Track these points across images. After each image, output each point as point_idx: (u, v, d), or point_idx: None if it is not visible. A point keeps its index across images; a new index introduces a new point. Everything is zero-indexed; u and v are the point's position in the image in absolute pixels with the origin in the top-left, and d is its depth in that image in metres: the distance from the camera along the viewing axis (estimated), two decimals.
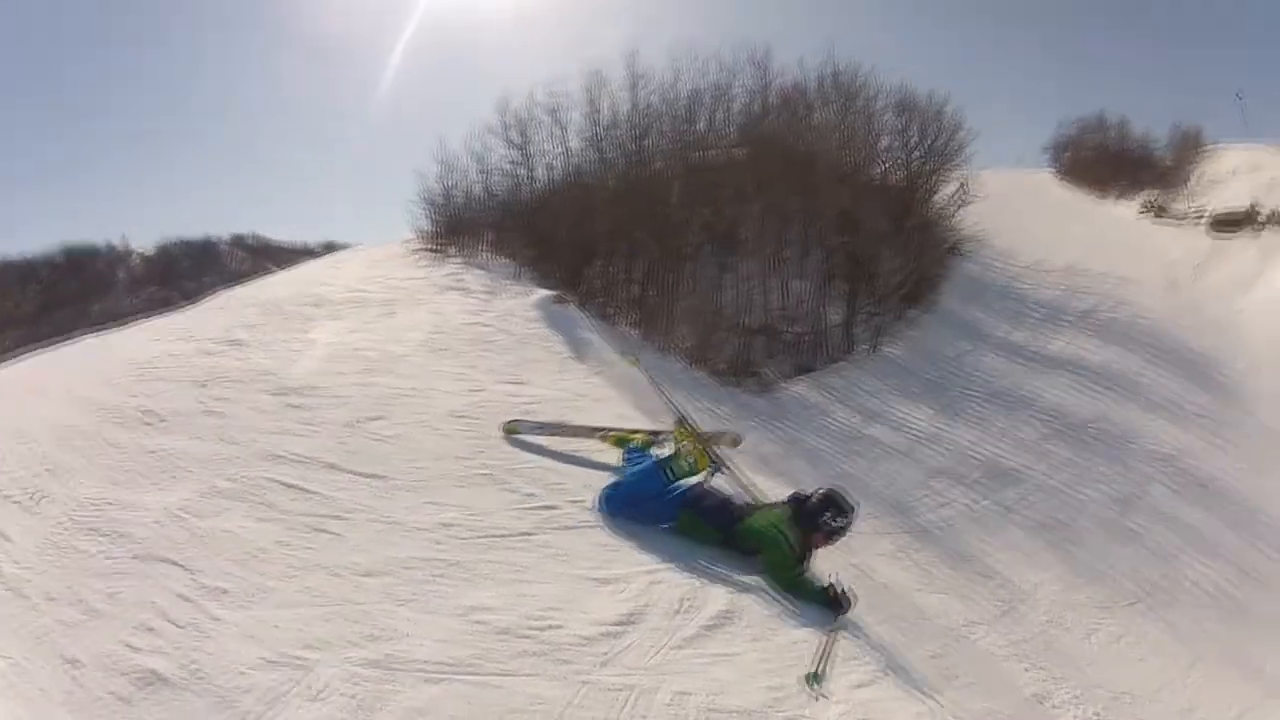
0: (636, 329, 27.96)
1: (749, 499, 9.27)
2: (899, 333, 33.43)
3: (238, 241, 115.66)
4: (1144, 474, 27.38)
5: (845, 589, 8.10)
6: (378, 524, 8.03)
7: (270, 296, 19.80)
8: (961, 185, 45.02)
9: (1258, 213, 54.18)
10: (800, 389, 27.82)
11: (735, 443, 10.66)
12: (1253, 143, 63.17)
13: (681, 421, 10.17)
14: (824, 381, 28.66)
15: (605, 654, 6.34)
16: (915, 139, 42.59)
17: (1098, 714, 15.77)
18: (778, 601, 7.75)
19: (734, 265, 33.06)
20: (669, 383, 23.84)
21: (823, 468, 22.41)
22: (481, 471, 9.63)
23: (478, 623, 6.45)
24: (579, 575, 7.39)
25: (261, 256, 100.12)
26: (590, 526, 8.53)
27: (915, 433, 26.57)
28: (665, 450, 9.79)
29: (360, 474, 9.23)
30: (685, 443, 9.43)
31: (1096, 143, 67.21)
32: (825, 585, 8.00)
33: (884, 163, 42.69)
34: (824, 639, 7.06)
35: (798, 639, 7.11)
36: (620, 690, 5.94)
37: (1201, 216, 55.28)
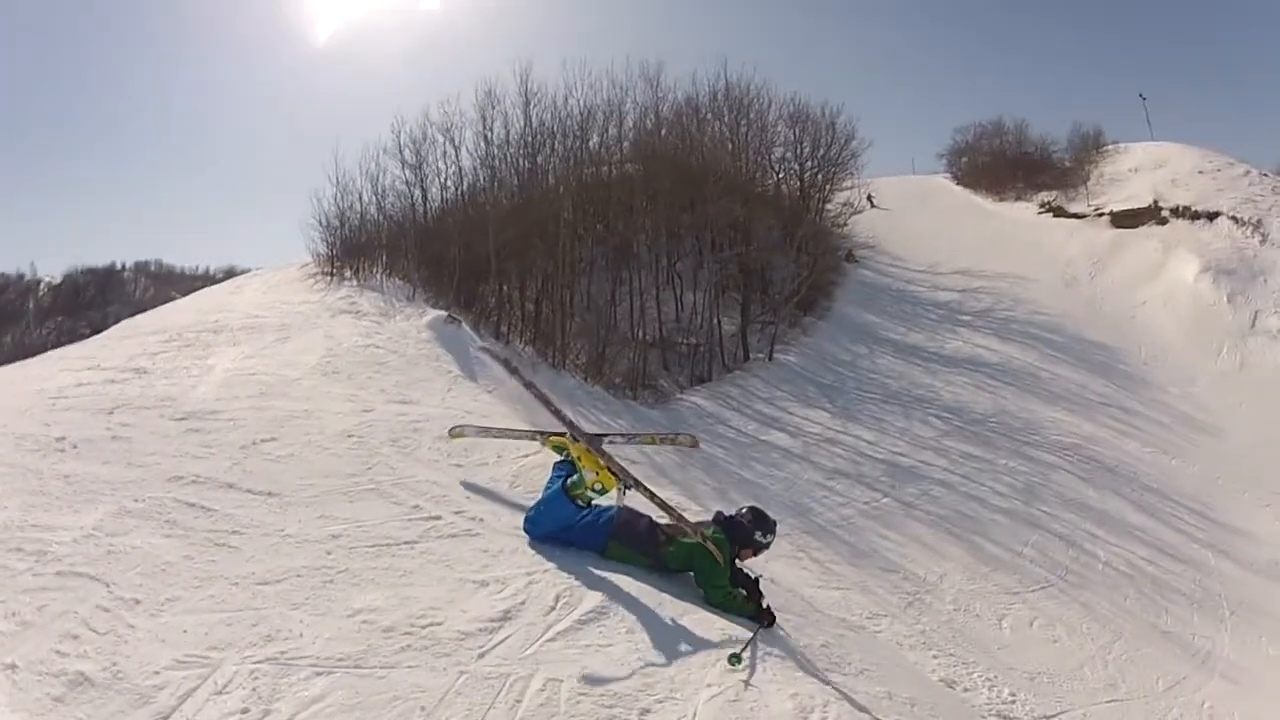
0: (530, 345, 28.48)
1: (670, 519, 8.99)
2: (794, 339, 34.63)
3: (141, 269, 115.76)
4: (1048, 463, 28.59)
5: (769, 605, 8.38)
6: (272, 538, 8.53)
7: (172, 324, 20.07)
8: (869, 197, 46.76)
9: (1160, 207, 56.32)
10: (697, 399, 28.63)
11: (694, 443, 10.68)
12: (1158, 141, 66.32)
13: (574, 438, 9.80)
14: (720, 390, 29.50)
15: (482, 647, 6.73)
16: (808, 149, 44.73)
17: (1013, 694, 16.43)
18: (655, 598, 7.97)
19: (627, 279, 33.87)
20: (562, 397, 24.08)
21: (720, 475, 23.36)
22: (369, 487, 10.05)
23: (365, 622, 6.91)
24: (460, 578, 7.80)
25: (165, 284, 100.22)
26: (472, 534, 8.88)
27: (813, 436, 27.42)
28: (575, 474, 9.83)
29: (256, 492, 9.74)
30: (586, 468, 9.21)
31: (994, 147, 69.44)
32: (760, 603, 8.32)
33: (777, 173, 44.79)
34: (753, 635, 7.49)
35: (671, 632, 7.41)
36: (495, 678, 6.35)
37: (1101, 214, 57.21)
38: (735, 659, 6.96)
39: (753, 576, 8.66)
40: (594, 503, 8.85)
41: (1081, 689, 17.65)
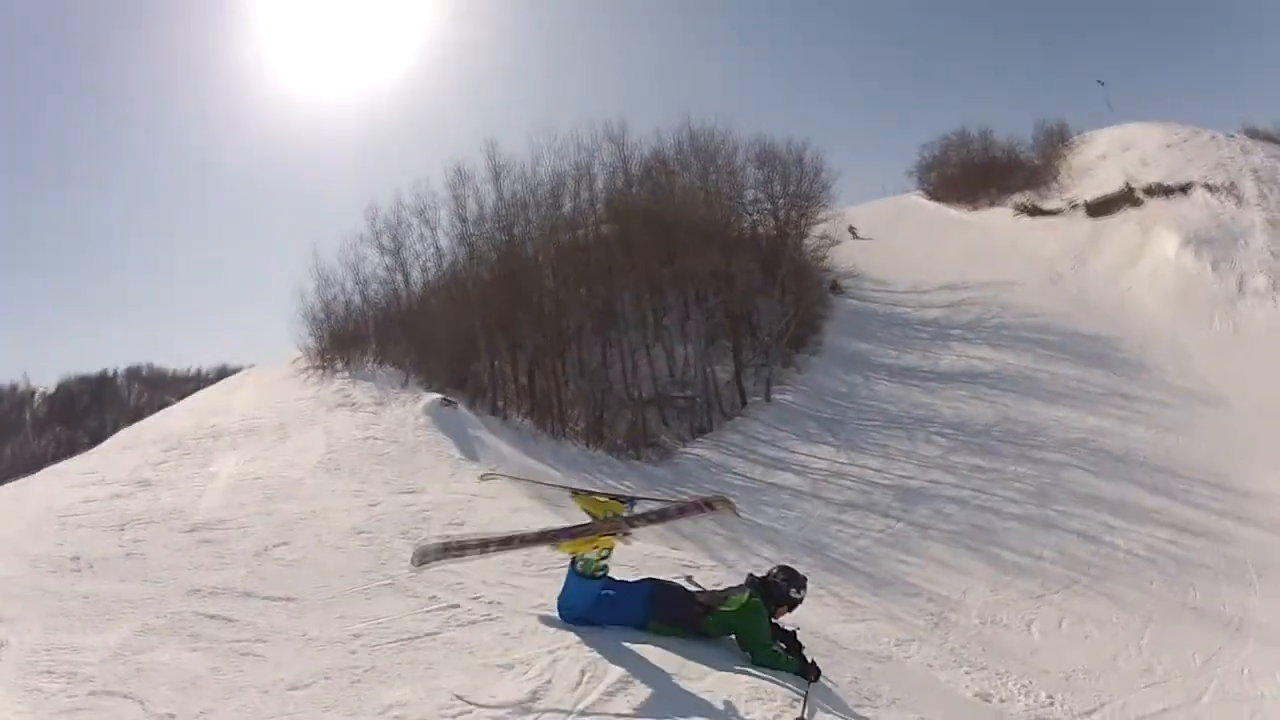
0: (528, 418, 28.78)
1: (705, 588, 9.24)
2: (789, 379, 34.82)
3: (134, 374, 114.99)
4: (1056, 463, 28.92)
5: (813, 659, 8.28)
6: (295, 642, 8.55)
7: (171, 432, 20.47)
8: (850, 229, 47.48)
9: (1133, 189, 56.93)
10: (699, 450, 28.98)
11: (731, 509, 10.05)
12: (1122, 124, 67.31)
13: (575, 494, 9.81)
14: (722, 439, 29.81)
15: None
16: (779, 187, 44.92)
17: (1050, 696, 16.66)
18: (678, 663, 7.78)
19: (616, 340, 34.15)
20: (566, 466, 24.70)
21: (731, 524, 22.53)
22: (385, 582, 10.21)
23: (396, 718, 6.88)
24: (484, 664, 7.80)
25: (158, 388, 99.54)
26: (491, 619, 8.93)
27: (819, 472, 27.72)
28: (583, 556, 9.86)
29: (274, 598, 9.83)
30: (596, 547, 9.07)
31: (961, 157, 69.92)
32: (802, 656, 8.28)
33: (751, 215, 44.86)
34: (805, 693, 7.48)
35: (699, 693, 7.27)
36: None
37: (1076, 206, 57.71)
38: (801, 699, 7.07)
39: (790, 630, 8.62)
40: (612, 574, 8.59)
41: (1117, 680, 17.91)
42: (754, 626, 8.25)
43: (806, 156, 45.78)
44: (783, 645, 8.38)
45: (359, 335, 28.92)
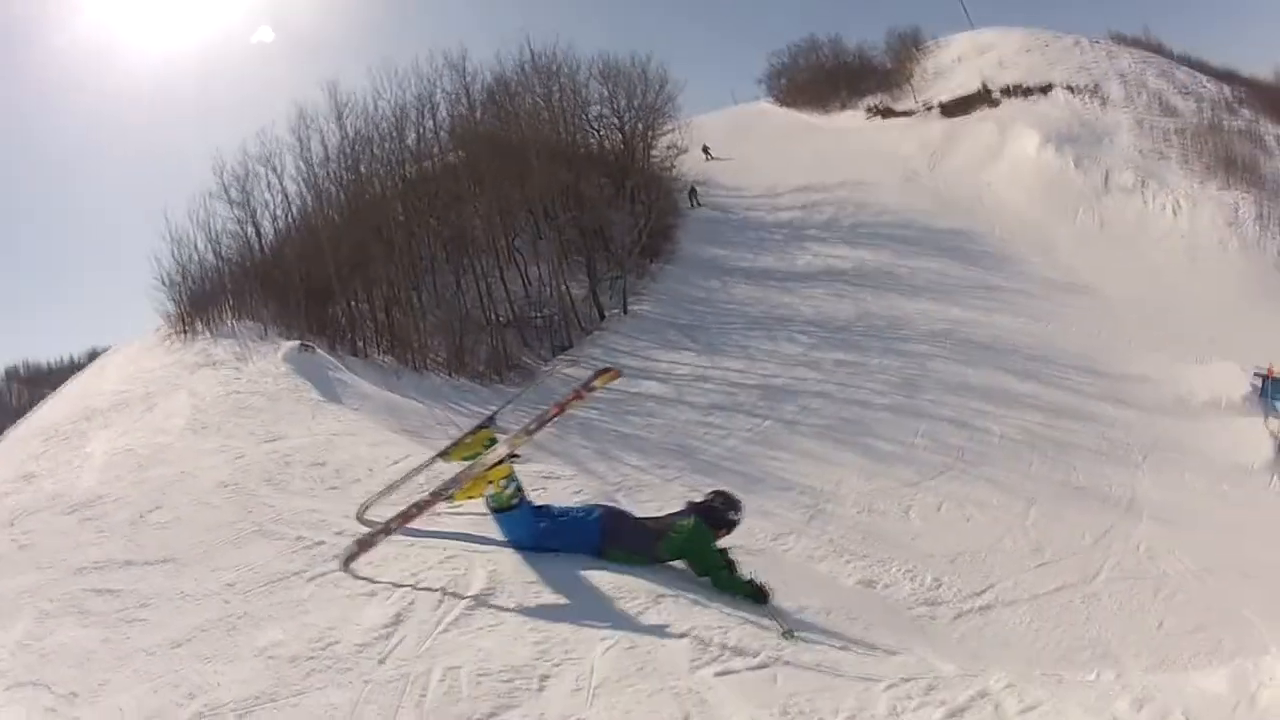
0: (389, 354, 28.47)
1: (650, 514, 9.54)
2: (645, 289, 34.92)
3: (12, 375, 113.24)
4: (922, 354, 29.37)
5: (764, 581, 8.84)
6: (175, 601, 8.61)
7: (48, 423, 20.12)
8: (704, 148, 47.56)
9: (989, 90, 58.23)
10: (562, 368, 28.85)
11: (616, 375, 10.26)
12: (979, 30, 68.73)
13: (446, 453, 10.05)
14: (583, 354, 29.68)
15: (381, 653, 6.99)
16: (624, 102, 44.85)
17: (937, 580, 16.56)
18: (540, 569, 8.35)
19: (470, 267, 33.91)
20: (429, 398, 24.59)
21: (598, 435, 23.28)
22: (253, 529, 10.24)
23: (271, 658, 7.11)
24: (349, 594, 8.08)
25: (37, 385, 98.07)
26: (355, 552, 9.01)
27: (683, 378, 27.77)
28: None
29: (152, 562, 9.75)
30: (490, 481, 8.84)
31: (812, 63, 70.98)
32: (749, 579, 8.77)
33: (598, 131, 44.81)
34: (771, 608, 8.24)
35: (560, 596, 7.82)
36: (398, 680, 6.59)
37: (931, 107, 58.65)
38: (789, 634, 7.49)
39: (730, 558, 8.96)
40: (536, 501, 9.07)
41: (1006, 560, 17.92)
42: (704, 550, 8.71)
43: (651, 69, 46.06)
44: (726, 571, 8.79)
45: (215, 294, 28.29)
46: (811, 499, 20.14)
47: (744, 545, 14.34)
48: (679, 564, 8.86)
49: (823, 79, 67.94)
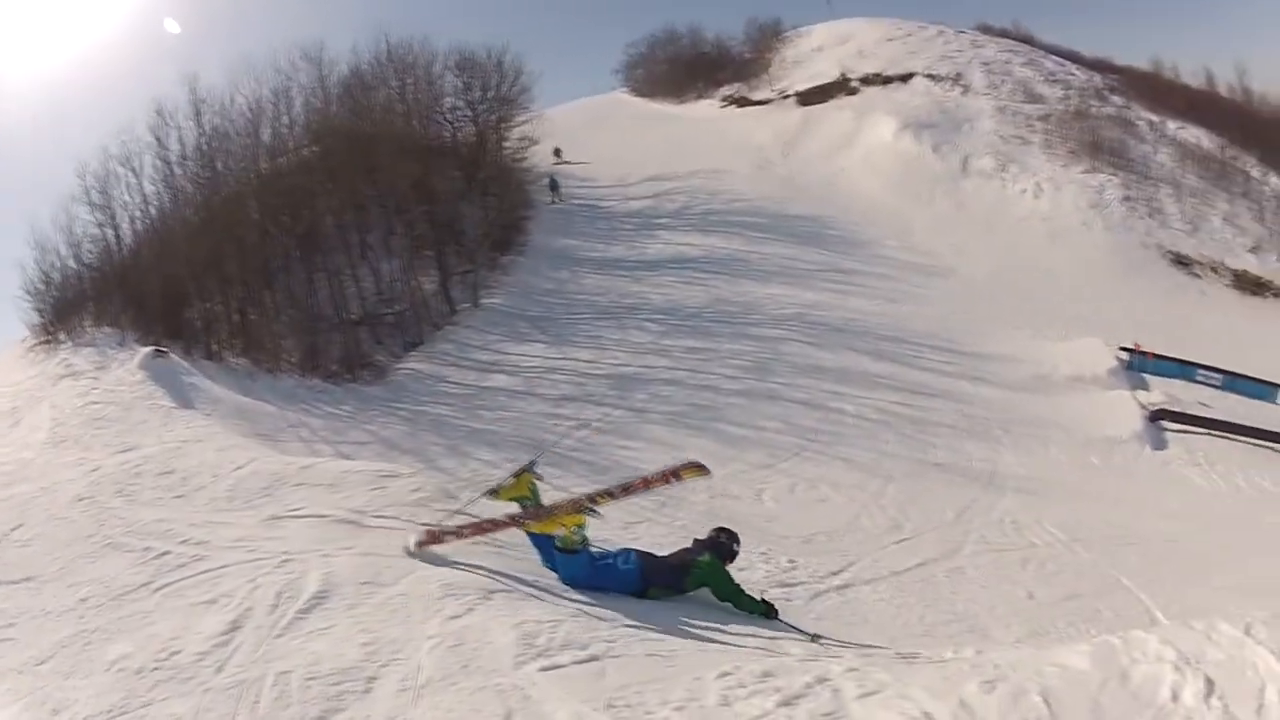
0: (243, 356, 28.22)
1: (670, 551, 11.07)
2: (496, 282, 34.77)
3: None
4: (774, 338, 29.58)
5: (771, 599, 10.73)
6: (38, 619, 9.27)
7: None
8: (556, 150, 47.43)
9: (848, 79, 59.13)
10: (413, 364, 28.65)
11: (702, 473, 11.02)
12: (841, 20, 69.57)
13: (528, 518, 11.08)
14: (434, 350, 29.61)
15: (219, 661, 7.59)
16: (479, 93, 44.98)
17: (792, 561, 16.28)
18: (371, 571, 9.18)
19: (323, 264, 33.62)
20: (283, 400, 24.68)
21: (449, 432, 23.39)
22: (105, 543, 10.96)
23: (120, 670, 7.66)
24: (191, 603, 8.77)
25: None
26: (198, 559, 9.98)
27: (533, 370, 27.61)
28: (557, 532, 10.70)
29: (14, 581, 10.41)
30: (552, 529, 10.53)
31: (670, 54, 71.42)
32: (761, 599, 10.61)
33: (451, 124, 44.65)
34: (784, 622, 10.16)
35: (389, 597, 8.49)
36: (234, 687, 7.16)
37: (788, 96, 59.22)
38: (816, 639, 9.31)
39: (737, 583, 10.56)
40: (591, 545, 10.52)
41: (864, 538, 17.74)
42: (722, 580, 10.37)
43: (506, 60, 46.24)
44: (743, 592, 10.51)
45: (78, 301, 28.13)
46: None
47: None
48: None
49: (680, 69, 68.49)
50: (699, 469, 11.00)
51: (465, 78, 45.65)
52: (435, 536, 10.33)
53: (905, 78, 58.32)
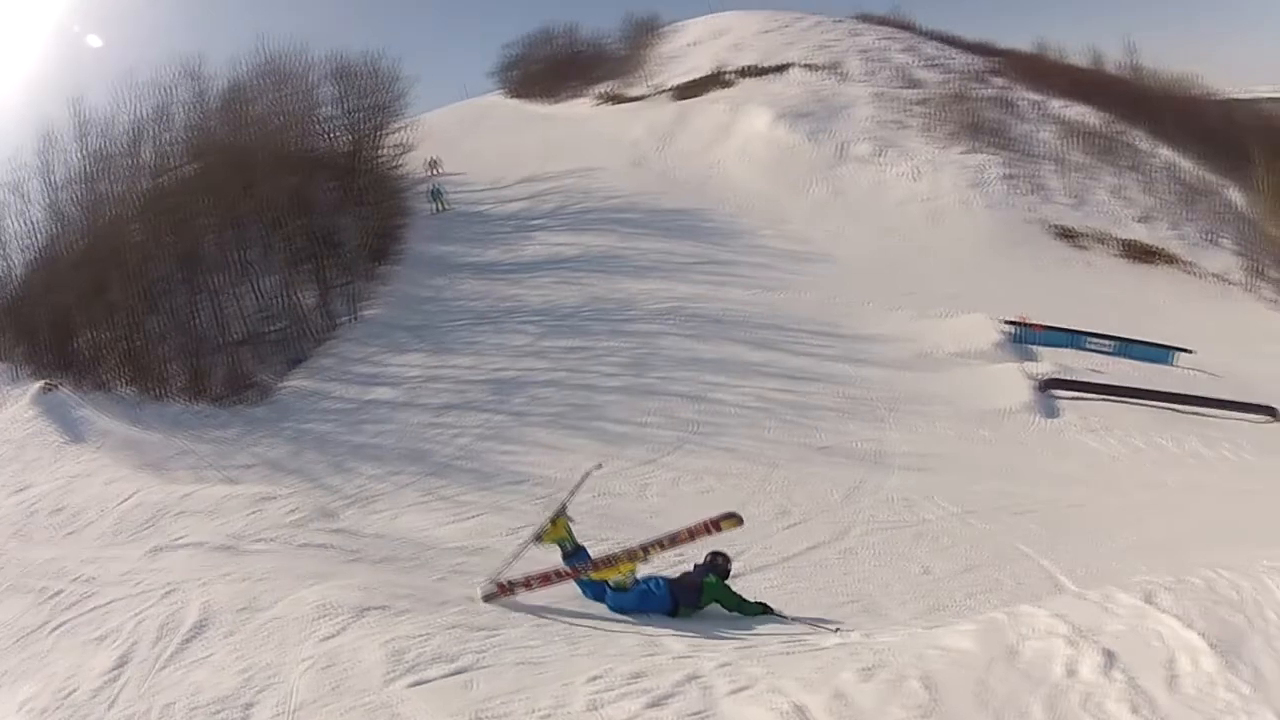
0: (131, 385, 27.80)
1: (681, 573, 12.75)
2: (375, 292, 34.47)
3: None
4: (651, 333, 29.84)
5: (765, 600, 12.75)
6: None
7: None
8: (432, 162, 47.13)
9: (723, 72, 59.49)
10: (296, 382, 28.33)
11: (738, 522, 12.84)
12: (718, 13, 70.70)
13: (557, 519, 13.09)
14: (316, 366, 29.31)
15: (110, 697, 7.88)
16: (354, 101, 44.67)
17: (680, 555, 16.35)
18: (248, 597, 9.69)
19: (205, 284, 33.05)
20: (170, 427, 24.56)
21: (333, 449, 23.21)
22: (5, 586, 11.40)
23: (29, 712, 8.02)
24: (84, 640, 9.24)
25: None
26: (88, 595, 10.48)
27: (413, 380, 27.51)
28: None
29: None
30: (619, 572, 12.34)
31: (545, 54, 71.61)
32: (757, 602, 12.62)
33: (328, 134, 44.34)
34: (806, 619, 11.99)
35: (264, 621, 8.94)
36: None
37: (663, 91, 59.42)
38: (838, 629, 10.46)
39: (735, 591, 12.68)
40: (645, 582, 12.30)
41: (752, 526, 17.39)
42: (727, 595, 12.49)
43: (382, 67, 46.19)
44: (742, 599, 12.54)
45: None
46: (545, 489, 19.88)
47: (464, 545, 15.05)
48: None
49: (556, 69, 68.58)
50: (735, 520, 12.37)
51: (341, 86, 45.14)
52: (505, 589, 11.58)
53: (781, 68, 58.83)
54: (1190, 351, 30.18)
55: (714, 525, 12.23)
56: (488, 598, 11.37)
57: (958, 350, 28.73)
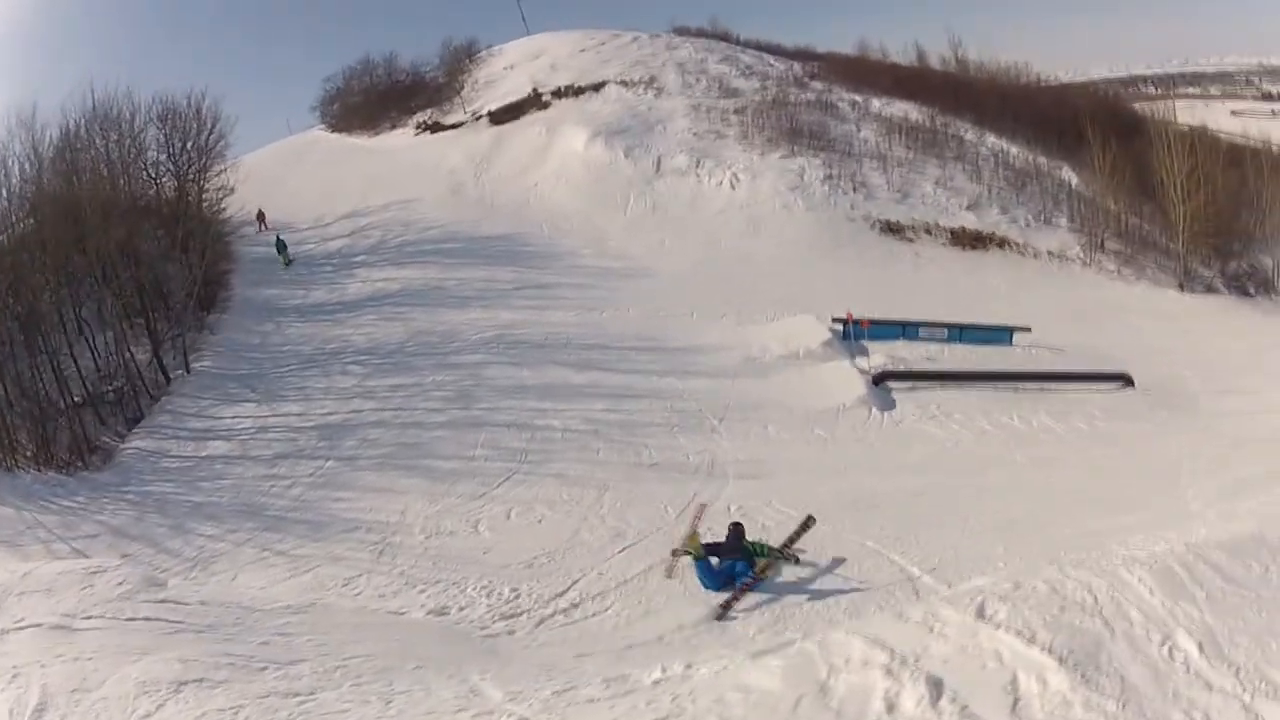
0: None
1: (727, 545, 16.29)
2: (205, 343, 33.52)
3: None
4: (475, 363, 29.61)
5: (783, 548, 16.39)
6: None
7: None
8: (259, 216, 45.89)
9: (540, 94, 59.20)
10: (136, 442, 27.15)
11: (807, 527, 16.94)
12: (534, 35, 70.57)
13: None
14: (154, 425, 28.14)
15: None
16: (179, 145, 43.48)
17: (515, 590, 16.31)
18: (80, 676, 9.68)
19: (44, 345, 31.50)
20: (22, 499, 23.55)
21: (173, 510, 22.37)
22: None
23: None
24: None
25: None
26: None
27: (245, 431, 26.77)
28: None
29: None
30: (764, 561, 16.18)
31: (365, 85, 70.53)
32: (779, 548, 16.36)
33: (155, 179, 43.08)
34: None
35: (95, 701, 8.97)
36: None
37: (480, 116, 59.01)
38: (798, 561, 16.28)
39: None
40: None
41: (586, 553, 17.89)
42: (759, 547, 16.15)
43: (205, 107, 44.69)
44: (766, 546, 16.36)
45: None
46: (379, 534, 19.74)
47: (290, 605, 15.36)
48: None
49: (375, 100, 67.50)
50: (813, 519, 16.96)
51: (166, 128, 43.89)
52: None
53: (598, 87, 58.64)
54: (1028, 330, 30.73)
55: (799, 531, 16.82)
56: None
57: (786, 352, 28.93)
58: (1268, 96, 70.04)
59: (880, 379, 26.83)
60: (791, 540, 16.53)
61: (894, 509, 18.66)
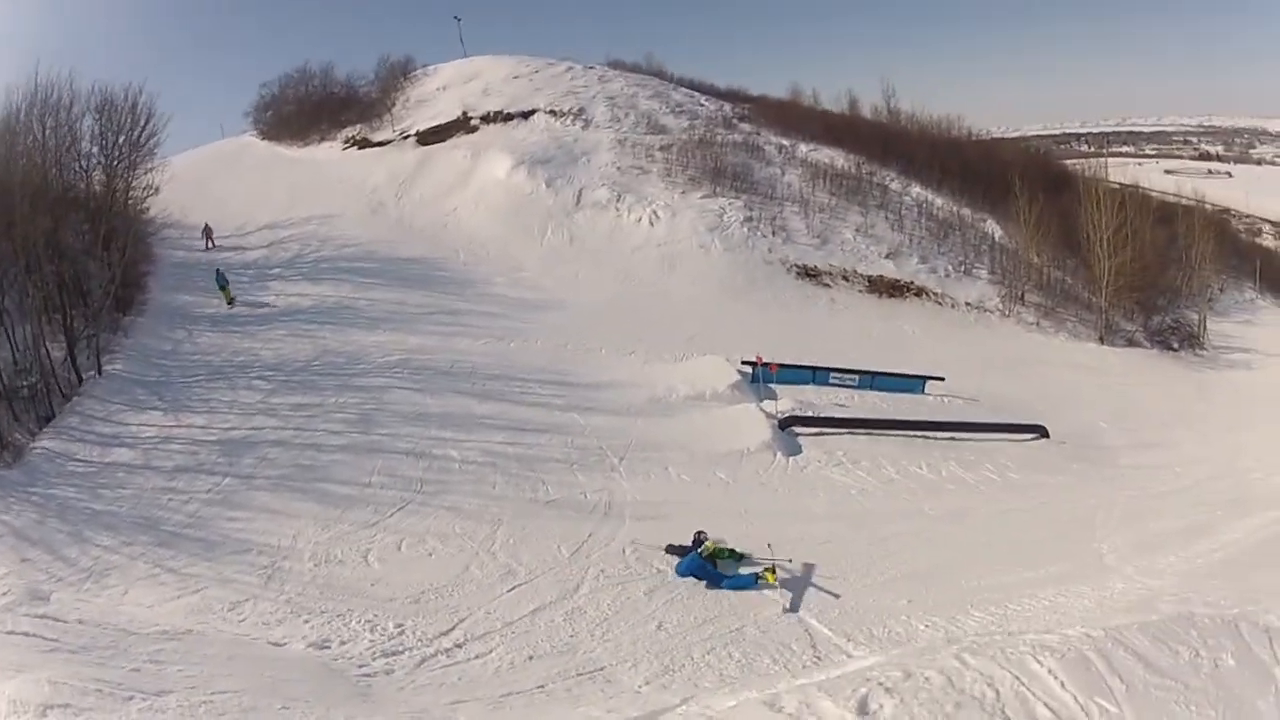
0: None
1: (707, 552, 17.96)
2: (119, 345, 32.27)
3: None
4: (379, 387, 28.81)
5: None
6: None
7: None
8: (207, 230, 44.61)
9: (469, 118, 58.64)
10: (46, 442, 25.96)
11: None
12: (470, 58, 69.98)
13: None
14: (64, 426, 26.94)
15: None
16: (112, 138, 42.03)
17: (399, 625, 15.94)
18: None
19: None
20: None
21: (73, 517, 21.22)
22: None
23: None
24: None
25: None
26: None
27: (150, 440, 25.58)
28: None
29: None
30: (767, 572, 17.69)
31: (300, 95, 69.36)
32: (729, 549, 18.32)
33: (87, 171, 41.45)
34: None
35: None
36: None
37: (408, 136, 58.33)
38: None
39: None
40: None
41: (475, 590, 17.44)
42: (723, 554, 17.89)
43: (141, 102, 43.48)
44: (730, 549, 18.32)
45: None
46: (268, 558, 19.06)
47: (167, 630, 14.84)
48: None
49: (309, 110, 66.38)
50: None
51: (102, 120, 42.42)
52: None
53: (527, 114, 58.30)
54: (941, 379, 30.95)
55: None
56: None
57: (693, 393, 28.64)
58: (1205, 156, 72.15)
59: (787, 424, 26.62)
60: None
61: (796, 557, 18.29)
